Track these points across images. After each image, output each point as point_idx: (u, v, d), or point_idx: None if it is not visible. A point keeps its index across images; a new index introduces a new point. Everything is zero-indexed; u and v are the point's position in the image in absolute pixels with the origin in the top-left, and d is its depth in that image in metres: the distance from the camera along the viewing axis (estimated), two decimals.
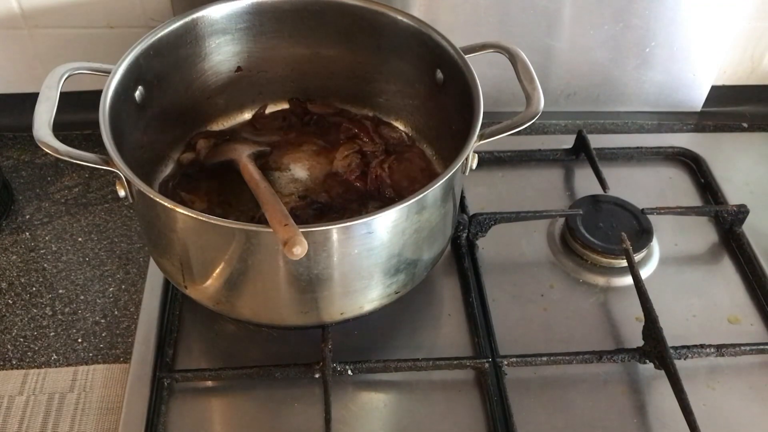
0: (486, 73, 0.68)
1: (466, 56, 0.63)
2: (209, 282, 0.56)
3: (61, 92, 0.56)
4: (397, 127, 0.75)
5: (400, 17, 0.67)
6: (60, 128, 0.55)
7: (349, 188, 0.69)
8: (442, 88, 0.67)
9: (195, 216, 0.49)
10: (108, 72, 0.59)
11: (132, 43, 0.61)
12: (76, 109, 0.70)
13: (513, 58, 0.64)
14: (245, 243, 0.51)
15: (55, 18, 0.79)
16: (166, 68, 0.65)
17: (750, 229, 0.74)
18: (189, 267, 0.56)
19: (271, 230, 0.48)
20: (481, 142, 0.57)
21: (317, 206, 0.67)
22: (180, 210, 0.49)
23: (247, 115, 0.77)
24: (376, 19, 0.68)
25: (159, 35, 0.63)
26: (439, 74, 0.67)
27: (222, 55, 0.70)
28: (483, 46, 0.66)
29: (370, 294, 0.57)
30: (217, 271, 0.55)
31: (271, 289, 0.55)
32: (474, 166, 0.59)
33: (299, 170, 0.71)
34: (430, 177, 0.68)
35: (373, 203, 0.69)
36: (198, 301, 0.60)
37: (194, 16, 0.65)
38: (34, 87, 0.56)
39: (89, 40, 0.81)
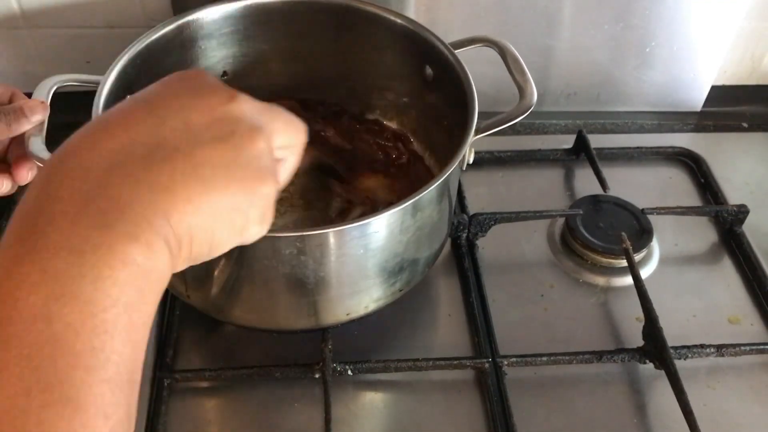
0: (486, 73, 0.68)
1: (455, 51, 0.63)
2: (213, 291, 0.56)
3: (56, 93, 0.56)
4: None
5: (384, 14, 0.66)
6: (58, 129, 0.55)
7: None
8: (432, 84, 0.67)
9: None
10: (96, 83, 0.57)
11: (131, 44, 0.61)
12: (73, 111, 0.69)
13: (502, 52, 0.64)
14: (250, 248, 0.51)
15: (55, 18, 0.79)
16: (155, 76, 0.64)
17: (750, 229, 0.74)
18: (192, 275, 0.56)
19: (276, 235, 0.48)
20: (477, 136, 0.57)
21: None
22: None
23: None
24: (361, 18, 0.67)
25: (146, 42, 0.61)
26: (428, 70, 0.67)
27: (209, 59, 0.69)
28: (472, 41, 0.65)
29: (375, 293, 0.57)
30: (221, 279, 0.54)
31: (278, 295, 0.55)
32: (471, 161, 0.59)
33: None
34: None
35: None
36: (202, 310, 0.60)
37: (180, 22, 0.64)
38: (33, 87, 0.56)
39: (89, 40, 0.81)
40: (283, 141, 0.35)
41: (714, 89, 0.91)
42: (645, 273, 0.71)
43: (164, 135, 0.30)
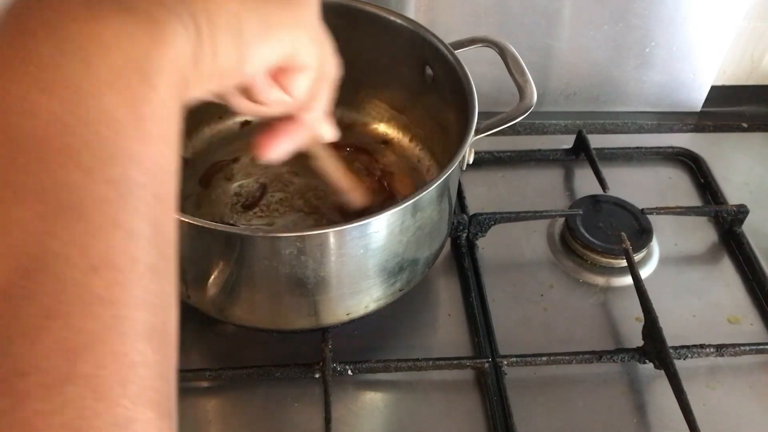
0: (486, 73, 0.68)
1: (455, 51, 0.63)
2: (213, 291, 0.56)
3: None
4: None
5: (384, 14, 0.66)
6: None
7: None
8: (432, 85, 0.67)
9: (198, 224, 0.48)
10: None
11: None
12: None
13: (502, 52, 0.64)
14: (250, 248, 0.51)
15: None
16: None
17: (750, 229, 0.74)
18: (192, 275, 0.56)
19: (276, 235, 0.48)
20: (477, 137, 0.57)
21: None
22: (182, 218, 0.49)
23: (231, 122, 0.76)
24: (361, 18, 0.67)
25: None
26: (428, 71, 0.67)
27: None
28: (471, 41, 0.66)
29: (375, 293, 0.57)
30: (221, 279, 0.54)
31: (279, 295, 0.55)
32: (471, 161, 0.60)
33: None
34: None
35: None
36: (202, 310, 0.60)
37: None
38: None
39: None
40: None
41: (714, 89, 0.91)
42: (645, 273, 0.71)
43: None
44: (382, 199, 0.69)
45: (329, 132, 0.41)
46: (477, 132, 0.57)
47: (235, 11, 0.27)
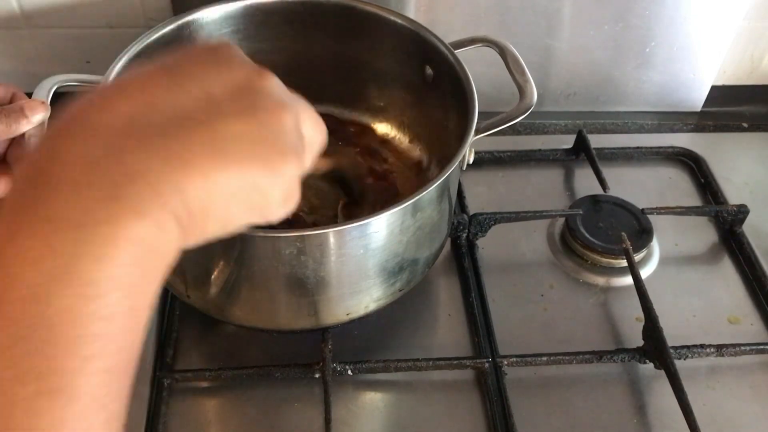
0: (485, 73, 0.68)
1: (456, 51, 0.63)
2: (213, 291, 0.56)
3: (56, 93, 0.56)
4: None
5: (385, 14, 0.66)
6: None
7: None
8: (432, 85, 0.67)
9: None
10: (96, 83, 0.57)
11: (131, 44, 0.61)
12: None
13: (502, 52, 0.64)
14: (250, 248, 0.51)
15: (55, 18, 0.79)
16: None
17: (750, 229, 0.74)
18: (192, 275, 0.56)
19: (276, 235, 0.48)
20: (477, 136, 0.57)
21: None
22: None
23: None
24: (363, 18, 0.68)
25: (146, 42, 0.60)
26: (428, 70, 0.67)
27: None
28: (472, 41, 0.66)
29: (375, 293, 0.57)
30: (221, 279, 0.54)
31: (278, 295, 0.55)
32: (471, 161, 0.60)
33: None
34: None
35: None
36: (202, 310, 0.60)
37: (180, 22, 0.63)
38: (33, 87, 0.56)
39: (89, 40, 0.81)
40: (307, 129, 0.34)
41: (714, 89, 0.91)
42: (645, 273, 0.71)
43: (184, 103, 0.28)
44: (385, 199, 0.69)
45: None
46: (477, 132, 0.57)
47: (225, 203, 0.29)
